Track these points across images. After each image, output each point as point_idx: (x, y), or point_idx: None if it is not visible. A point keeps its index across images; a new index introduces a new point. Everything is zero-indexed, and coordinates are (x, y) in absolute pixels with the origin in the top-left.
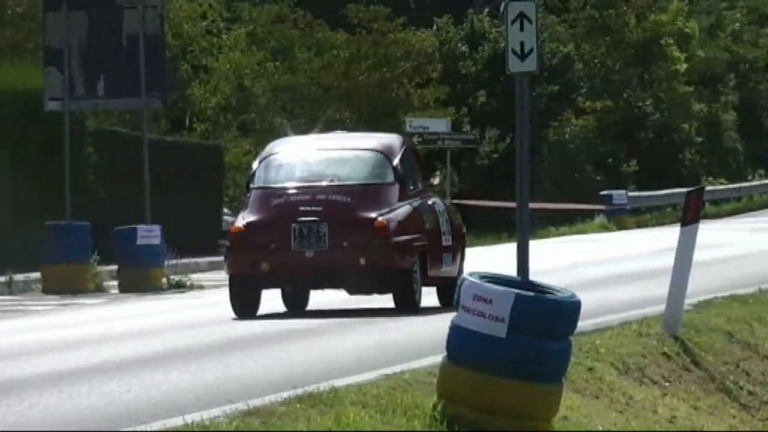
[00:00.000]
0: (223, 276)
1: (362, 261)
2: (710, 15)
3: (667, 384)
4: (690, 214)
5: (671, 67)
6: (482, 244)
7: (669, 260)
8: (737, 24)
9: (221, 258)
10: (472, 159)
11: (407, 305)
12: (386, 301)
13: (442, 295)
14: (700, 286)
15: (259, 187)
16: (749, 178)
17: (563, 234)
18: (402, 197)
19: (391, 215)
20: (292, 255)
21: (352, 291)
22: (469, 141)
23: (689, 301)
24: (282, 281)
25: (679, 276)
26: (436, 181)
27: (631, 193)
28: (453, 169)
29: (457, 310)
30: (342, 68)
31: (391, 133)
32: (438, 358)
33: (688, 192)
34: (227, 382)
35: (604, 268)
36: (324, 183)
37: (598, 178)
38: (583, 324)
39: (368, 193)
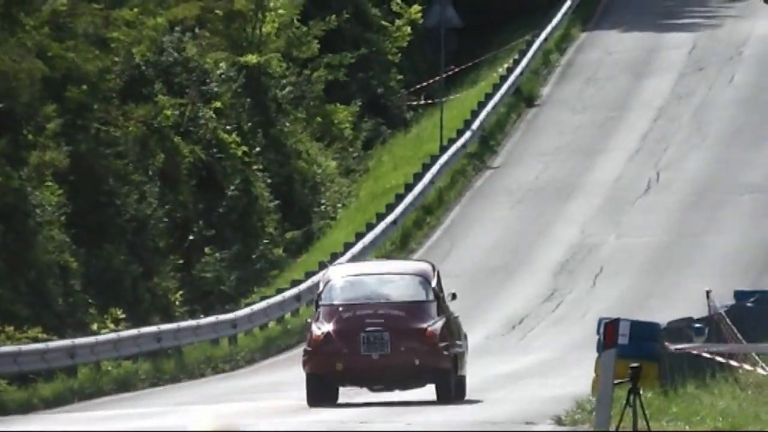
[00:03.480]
0: None
1: (417, 361)
2: None
3: None
4: None
5: None
6: None
7: None
8: None
9: None
10: None
11: (446, 397)
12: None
13: (459, 388)
14: None
15: (328, 304)
16: None
17: None
18: (439, 311)
19: (435, 326)
20: (361, 358)
21: (405, 387)
22: None
23: None
24: (352, 380)
25: None
26: (449, 299)
27: None
28: None
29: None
30: None
31: (421, 261)
32: None
33: None
34: None
35: None
36: (382, 300)
37: None
38: None
39: (417, 308)
